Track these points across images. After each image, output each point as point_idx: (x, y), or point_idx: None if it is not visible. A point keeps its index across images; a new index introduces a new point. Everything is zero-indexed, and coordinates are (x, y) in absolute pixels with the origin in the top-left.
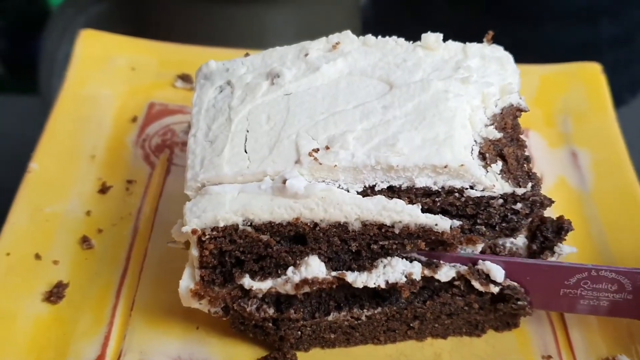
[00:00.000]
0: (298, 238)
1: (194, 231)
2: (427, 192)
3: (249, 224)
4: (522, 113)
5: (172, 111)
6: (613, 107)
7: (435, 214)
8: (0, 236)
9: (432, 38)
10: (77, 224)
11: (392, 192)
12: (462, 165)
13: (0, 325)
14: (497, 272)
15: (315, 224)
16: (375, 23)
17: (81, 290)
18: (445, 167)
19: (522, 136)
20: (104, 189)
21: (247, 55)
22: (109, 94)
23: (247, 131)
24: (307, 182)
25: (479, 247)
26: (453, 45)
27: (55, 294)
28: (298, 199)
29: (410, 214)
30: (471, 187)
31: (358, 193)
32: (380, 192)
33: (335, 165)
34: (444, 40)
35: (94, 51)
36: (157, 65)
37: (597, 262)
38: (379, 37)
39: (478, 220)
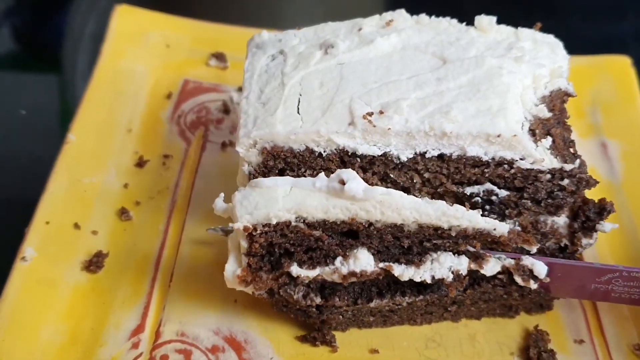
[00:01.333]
0: (349, 232)
1: (245, 228)
2: (477, 163)
3: (301, 221)
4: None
5: (206, 89)
6: None
7: (483, 184)
8: (39, 204)
9: (485, 20)
10: (115, 195)
11: (442, 160)
12: (514, 135)
13: (40, 292)
14: (541, 269)
15: (371, 224)
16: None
17: (120, 261)
18: (499, 136)
19: (567, 121)
20: (140, 163)
21: (299, 28)
22: (143, 70)
23: (300, 95)
24: (365, 184)
25: (534, 248)
26: (505, 29)
27: (94, 263)
28: (355, 202)
29: (469, 220)
30: (521, 159)
31: (408, 159)
32: (431, 159)
33: (389, 129)
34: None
35: (129, 26)
36: (190, 43)
37: (627, 252)
38: (432, 17)
39: (525, 194)
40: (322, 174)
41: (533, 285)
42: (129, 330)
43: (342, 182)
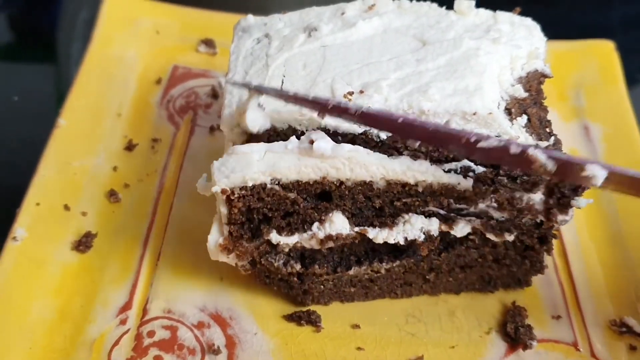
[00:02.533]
0: (323, 195)
1: (223, 191)
2: None
3: (276, 183)
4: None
5: (195, 74)
6: (625, 85)
7: (460, 161)
8: (30, 186)
9: (465, 4)
10: (104, 178)
11: None
12: (490, 113)
13: (30, 271)
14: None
15: (341, 182)
16: None
17: (109, 241)
18: (474, 114)
19: (544, 101)
20: (130, 146)
21: (284, 12)
22: (133, 55)
23: (284, 76)
24: (333, 142)
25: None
26: (484, 12)
27: (83, 243)
28: (325, 160)
29: (433, 174)
30: (497, 137)
31: (388, 137)
32: None
33: (369, 107)
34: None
35: (119, 13)
36: (180, 29)
37: (605, 231)
38: (413, 1)
39: (501, 171)
40: (293, 137)
41: (508, 237)
42: (117, 308)
43: (312, 142)
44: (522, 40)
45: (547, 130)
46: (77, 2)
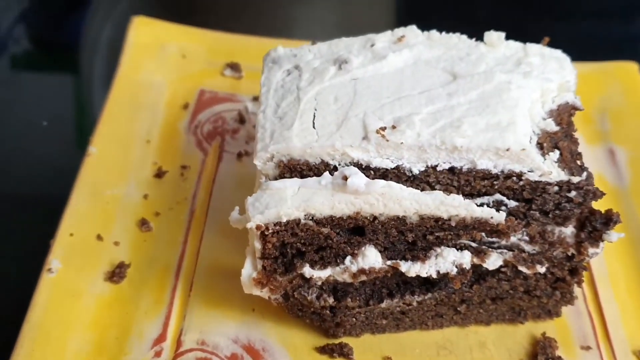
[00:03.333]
0: (356, 229)
1: (258, 227)
2: (486, 175)
3: (310, 218)
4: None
5: (222, 99)
6: None
7: (492, 195)
8: (63, 217)
9: (494, 36)
10: (135, 207)
11: (452, 173)
12: (523, 149)
13: (66, 303)
14: None
15: (375, 217)
16: (410, 18)
17: (141, 271)
18: (508, 150)
19: (574, 134)
20: (159, 174)
21: (313, 43)
22: (161, 81)
23: (315, 109)
24: (366, 179)
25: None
26: (514, 44)
27: (117, 274)
28: (359, 196)
29: (466, 209)
30: (529, 172)
31: (420, 172)
32: (442, 172)
33: (402, 143)
34: (480, 36)
35: (146, 38)
36: (206, 53)
37: (635, 259)
38: (443, 32)
39: (533, 206)
40: (326, 173)
41: (540, 269)
42: (152, 339)
43: (345, 178)
44: (553, 73)
45: (579, 163)
46: (100, 19)
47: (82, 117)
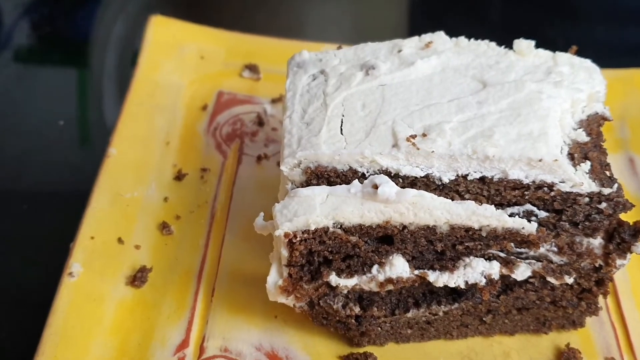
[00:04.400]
0: (385, 238)
1: (286, 235)
2: (517, 185)
3: (339, 226)
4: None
5: (240, 101)
6: None
7: (523, 206)
8: (83, 220)
9: (524, 44)
10: (156, 209)
11: (483, 182)
12: (556, 160)
13: (88, 308)
14: None
15: (404, 227)
16: (424, 22)
17: (163, 276)
18: (540, 160)
19: (603, 144)
20: (179, 176)
21: (339, 48)
22: (179, 81)
23: (343, 116)
24: (397, 187)
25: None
26: (543, 53)
27: (139, 278)
28: (389, 204)
29: (498, 219)
30: (561, 183)
31: (450, 181)
32: (472, 182)
33: (433, 152)
34: (493, 38)
35: (164, 38)
36: (224, 54)
37: None
38: (471, 39)
39: (563, 217)
40: (356, 181)
41: (568, 280)
42: (175, 346)
43: (375, 187)
44: (583, 83)
45: (608, 174)
46: (112, 15)
47: (92, 116)
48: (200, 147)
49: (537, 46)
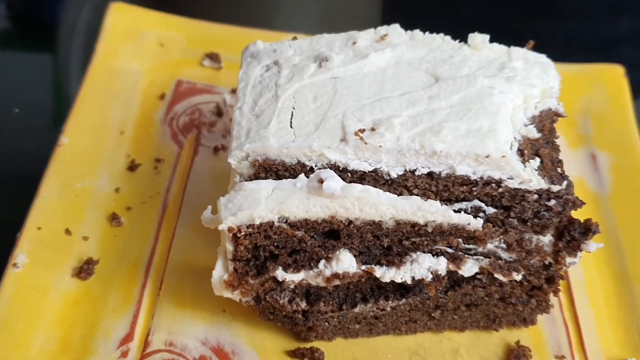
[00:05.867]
0: (331, 233)
1: (230, 229)
2: (465, 181)
3: (284, 221)
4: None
5: (199, 90)
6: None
7: (471, 201)
8: (31, 210)
9: (478, 38)
10: (106, 200)
11: (431, 178)
12: (503, 156)
13: (31, 299)
14: None
15: (350, 222)
16: (395, 14)
17: (110, 268)
18: (488, 156)
19: (556, 141)
20: (132, 167)
21: (294, 38)
22: (137, 69)
23: (294, 108)
24: (342, 182)
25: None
26: (498, 47)
27: (85, 270)
28: (334, 199)
29: (443, 215)
30: (509, 179)
31: (398, 176)
32: (420, 177)
33: (381, 146)
34: (464, 34)
35: (123, 25)
36: (185, 42)
37: (612, 268)
38: (426, 32)
39: (511, 213)
40: (302, 175)
41: (516, 276)
42: (119, 339)
43: (321, 181)
44: (536, 79)
45: (559, 171)
46: (78, 0)
47: (57, 104)
48: (155, 137)
49: (505, 41)
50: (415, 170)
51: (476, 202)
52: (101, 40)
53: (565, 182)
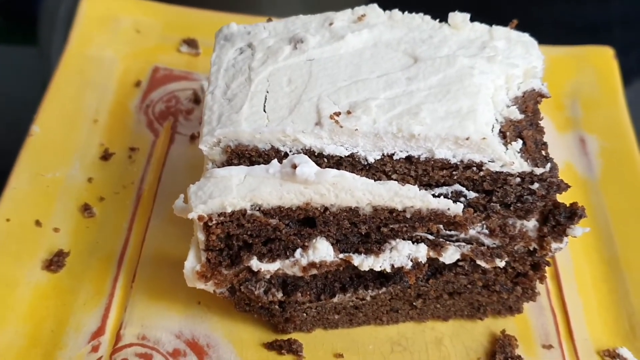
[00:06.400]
0: (307, 221)
1: (200, 217)
2: (445, 165)
3: (257, 208)
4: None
5: (176, 77)
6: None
7: (451, 186)
8: (0, 201)
9: (459, 17)
10: (78, 190)
11: (410, 162)
12: (484, 138)
13: (0, 292)
14: None
15: (326, 208)
16: None
17: (81, 260)
18: (467, 139)
19: (540, 122)
20: (106, 156)
21: (269, 20)
22: (112, 56)
23: (267, 92)
24: (317, 167)
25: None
26: (479, 27)
27: (55, 262)
28: (309, 185)
29: (422, 200)
30: (490, 162)
31: (376, 160)
32: (398, 161)
33: (357, 130)
34: (446, 15)
35: (98, 11)
36: (162, 28)
37: (600, 253)
38: (405, 12)
39: (494, 198)
40: (275, 161)
41: (499, 263)
42: (89, 333)
43: (294, 167)
44: (518, 59)
45: (543, 153)
46: None
47: (27, 93)
48: (130, 125)
49: (490, 23)
50: (393, 154)
51: (457, 187)
52: (75, 26)
53: (549, 165)
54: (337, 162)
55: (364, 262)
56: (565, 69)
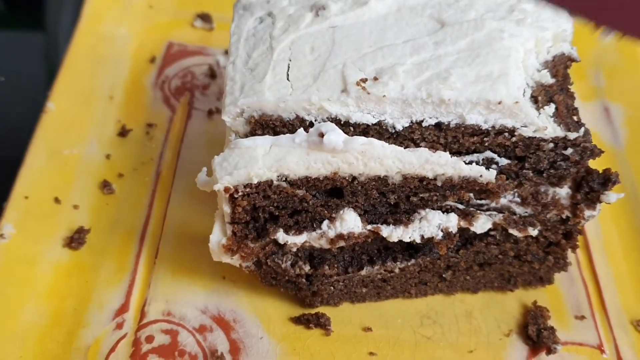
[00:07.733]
0: (334, 191)
1: (226, 189)
2: (476, 131)
3: (283, 179)
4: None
5: (191, 52)
6: None
7: (482, 153)
8: (18, 179)
9: None
10: (96, 167)
11: (439, 129)
12: (516, 102)
13: (20, 270)
14: None
15: (354, 178)
16: None
17: (102, 237)
18: (500, 103)
19: (570, 87)
20: (123, 132)
21: None
22: (125, 33)
23: (290, 60)
24: (344, 135)
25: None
26: None
27: (76, 239)
28: (336, 154)
29: (453, 167)
30: (523, 127)
31: (404, 128)
32: (427, 128)
33: (384, 96)
34: None
35: None
36: (175, 3)
37: (629, 220)
38: None
39: (526, 164)
40: (301, 130)
41: (532, 232)
42: (113, 310)
43: (321, 135)
44: (548, 22)
45: (575, 118)
46: None
47: (50, 72)
48: (146, 101)
49: None
50: (422, 121)
51: (488, 154)
52: (87, 3)
53: (582, 129)
54: (363, 131)
55: (392, 233)
56: (587, 38)
